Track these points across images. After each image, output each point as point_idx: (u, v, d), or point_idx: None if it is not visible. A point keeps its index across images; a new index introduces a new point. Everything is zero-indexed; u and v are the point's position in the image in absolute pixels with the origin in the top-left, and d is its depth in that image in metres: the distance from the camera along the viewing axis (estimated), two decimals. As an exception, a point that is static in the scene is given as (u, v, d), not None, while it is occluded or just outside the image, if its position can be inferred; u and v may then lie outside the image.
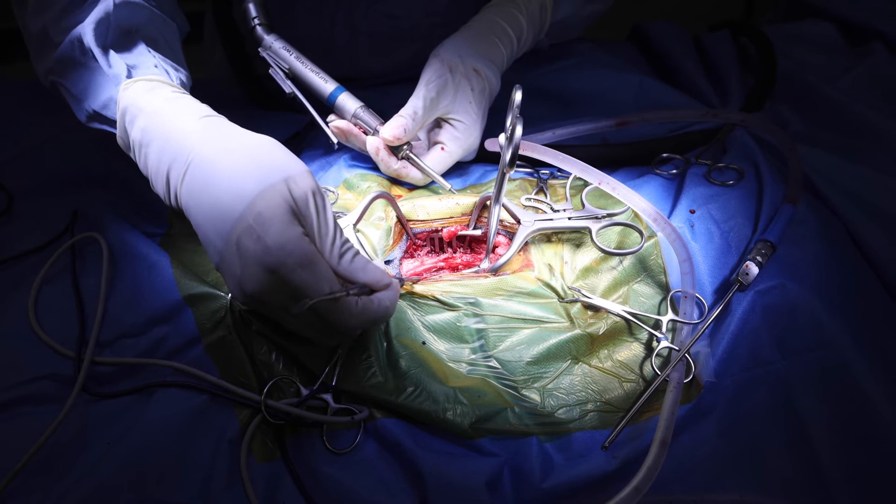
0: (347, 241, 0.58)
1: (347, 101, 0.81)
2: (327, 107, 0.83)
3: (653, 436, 0.57)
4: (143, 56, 0.69)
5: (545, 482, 0.57)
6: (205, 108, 0.64)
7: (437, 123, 0.84)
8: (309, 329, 0.58)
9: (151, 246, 0.72)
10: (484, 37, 0.84)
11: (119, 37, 0.69)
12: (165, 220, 0.79)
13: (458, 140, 0.82)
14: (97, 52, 0.66)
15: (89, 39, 0.66)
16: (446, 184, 0.80)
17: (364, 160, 0.86)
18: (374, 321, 0.57)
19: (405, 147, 0.79)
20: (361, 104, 0.81)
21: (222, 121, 0.62)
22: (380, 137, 0.78)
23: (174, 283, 0.68)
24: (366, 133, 0.81)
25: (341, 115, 0.82)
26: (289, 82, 0.81)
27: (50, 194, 0.83)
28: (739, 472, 0.60)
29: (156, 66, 0.69)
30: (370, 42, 1.01)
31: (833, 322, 0.65)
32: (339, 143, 0.83)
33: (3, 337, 0.66)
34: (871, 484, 0.59)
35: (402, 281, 0.67)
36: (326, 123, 0.82)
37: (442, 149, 0.81)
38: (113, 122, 0.67)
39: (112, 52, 0.67)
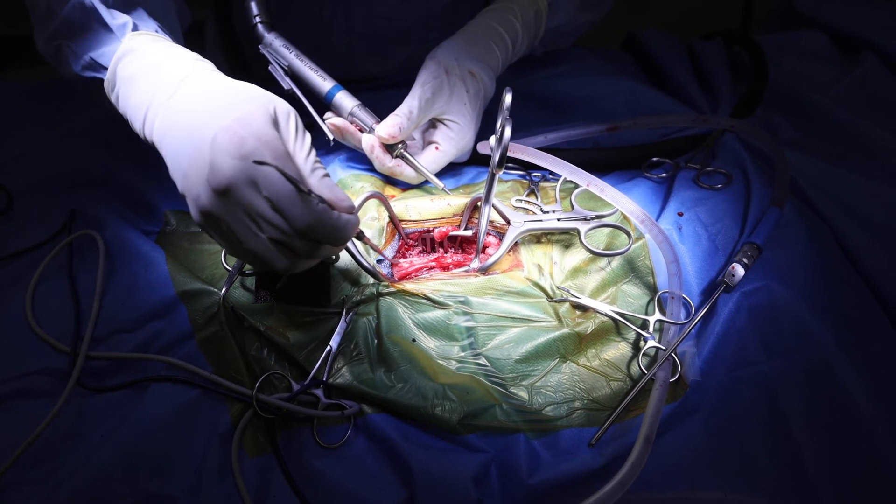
0: (320, 162, 0.58)
1: (344, 99, 0.82)
2: (325, 104, 0.83)
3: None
4: (146, 21, 0.72)
5: (532, 478, 0.58)
6: (199, 56, 0.67)
7: (432, 124, 0.85)
8: (262, 244, 0.54)
9: (147, 243, 0.73)
10: (480, 40, 0.86)
11: (121, 3, 0.71)
12: (161, 217, 0.80)
13: (452, 140, 0.82)
14: (100, 7, 0.68)
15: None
16: (439, 183, 0.80)
17: (359, 161, 0.87)
18: (328, 231, 0.55)
19: (400, 146, 0.80)
20: (358, 102, 0.82)
21: (213, 67, 0.66)
22: (375, 135, 0.79)
23: (169, 279, 0.69)
24: (362, 131, 0.82)
25: (338, 113, 0.83)
26: (287, 79, 0.82)
27: (49, 194, 0.84)
28: (724, 471, 0.60)
29: (157, 31, 0.71)
30: (367, 44, 1.02)
31: (817, 323, 0.66)
32: (335, 140, 0.84)
33: (0, 332, 0.67)
34: (855, 483, 0.60)
35: (391, 277, 0.68)
36: (323, 120, 0.83)
37: (436, 148, 0.82)
38: (104, 69, 0.69)
39: (114, 10, 0.70)
